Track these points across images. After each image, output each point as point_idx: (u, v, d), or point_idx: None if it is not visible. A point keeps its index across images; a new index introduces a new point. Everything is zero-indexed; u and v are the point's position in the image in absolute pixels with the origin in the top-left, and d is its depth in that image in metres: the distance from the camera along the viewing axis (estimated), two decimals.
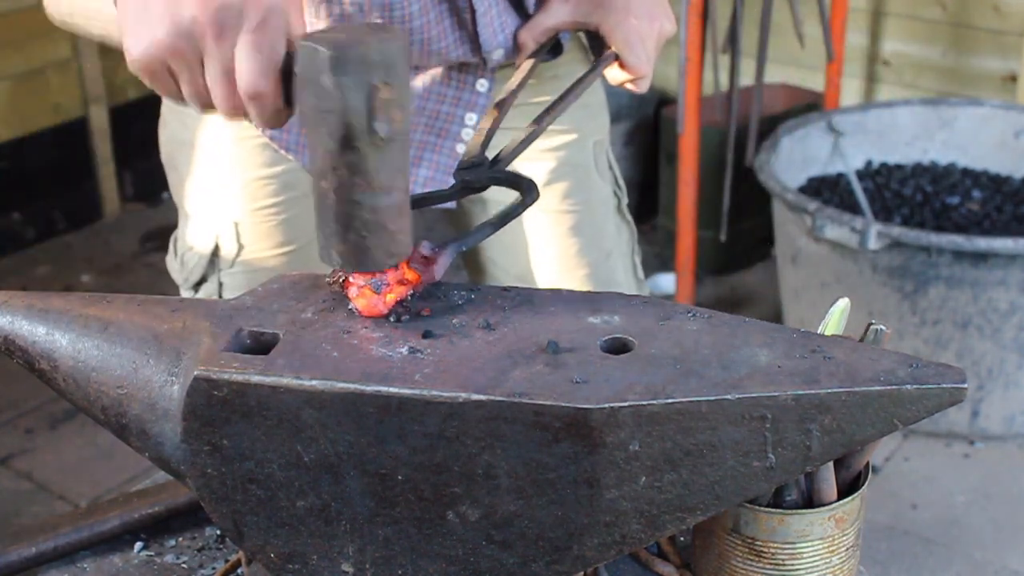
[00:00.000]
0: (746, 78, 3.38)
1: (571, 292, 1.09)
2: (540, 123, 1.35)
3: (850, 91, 3.77)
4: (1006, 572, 2.61)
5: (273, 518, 1.03)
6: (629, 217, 1.82)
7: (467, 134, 1.61)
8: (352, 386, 0.96)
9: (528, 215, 1.61)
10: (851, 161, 3.41)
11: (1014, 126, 3.40)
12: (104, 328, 1.08)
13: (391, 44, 0.96)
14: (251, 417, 0.99)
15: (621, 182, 1.80)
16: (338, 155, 0.97)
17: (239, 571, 1.20)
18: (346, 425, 0.97)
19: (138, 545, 1.28)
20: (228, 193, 1.60)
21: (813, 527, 1.06)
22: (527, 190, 1.20)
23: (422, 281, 1.07)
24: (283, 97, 1.03)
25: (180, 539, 1.29)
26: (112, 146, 4.08)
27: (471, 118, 1.60)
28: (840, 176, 3.39)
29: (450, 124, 1.61)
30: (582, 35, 1.62)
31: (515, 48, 1.56)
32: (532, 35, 1.54)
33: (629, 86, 1.54)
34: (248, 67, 1.01)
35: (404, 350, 1.00)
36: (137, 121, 4.17)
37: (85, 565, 1.27)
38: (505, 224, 1.17)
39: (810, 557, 1.07)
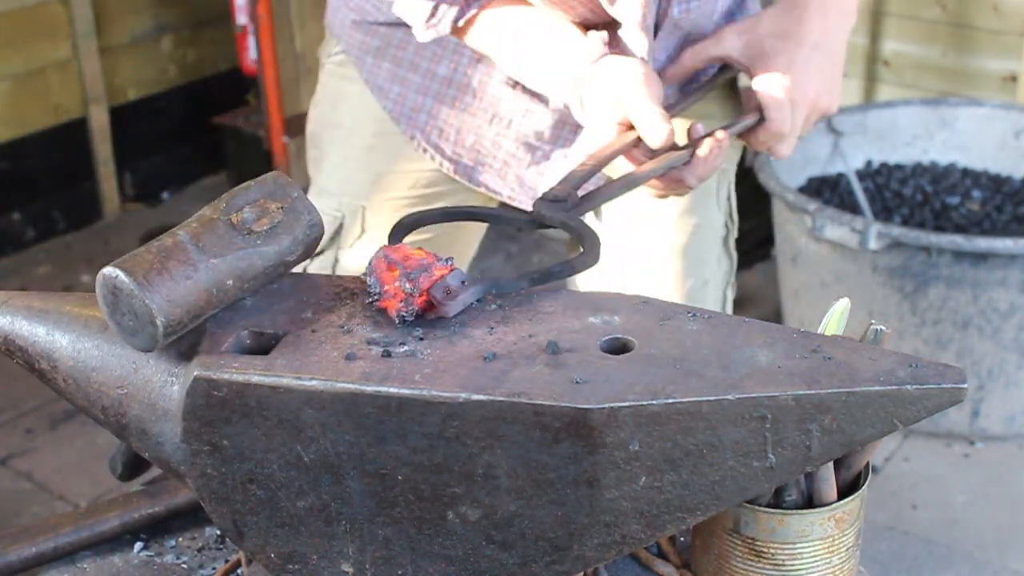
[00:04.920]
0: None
1: (571, 292, 1.08)
2: (637, 172, 1.32)
3: (850, 91, 3.77)
4: (1006, 572, 2.61)
5: (273, 518, 1.03)
6: (734, 251, 1.82)
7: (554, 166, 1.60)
8: (352, 386, 0.96)
9: (643, 222, 1.61)
10: (851, 161, 3.40)
11: (1014, 126, 3.39)
12: (104, 328, 1.08)
13: None
14: (251, 417, 0.99)
15: (735, 215, 1.80)
16: None
17: (239, 571, 1.20)
18: (346, 425, 0.97)
19: (138, 545, 1.28)
20: (362, 179, 1.66)
21: (813, 527, 1.06)
22: (588, 248, 1.12)
23: (433, 312, 1.02)
24: None
25: (180, 539, 1.29)
26: (112, 146, 4.07)
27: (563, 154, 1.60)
28: (840, 176, 3.38)
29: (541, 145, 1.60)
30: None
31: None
32: (696, 59, 1.53)
33: (769, 145, 1.50)
34: None
35: (404, 350, 1.00)
36: (137, 121, 4.17)
37: (85, 565, 1.27)
38: (543, 284, 1.09)
39: (810, 557, 1.07)
